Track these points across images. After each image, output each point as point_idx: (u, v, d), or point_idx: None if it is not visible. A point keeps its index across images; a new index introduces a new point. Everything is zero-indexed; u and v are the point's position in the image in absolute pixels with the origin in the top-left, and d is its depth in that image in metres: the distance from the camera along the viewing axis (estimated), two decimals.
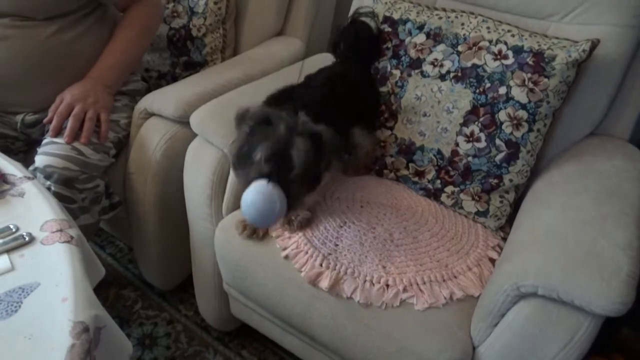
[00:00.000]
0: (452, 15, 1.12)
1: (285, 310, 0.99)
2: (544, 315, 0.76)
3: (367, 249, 0.97)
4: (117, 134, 1.19)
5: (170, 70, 1.44)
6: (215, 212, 1.10)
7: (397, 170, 1.14)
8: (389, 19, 1.17)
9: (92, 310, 0.63)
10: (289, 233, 1.00)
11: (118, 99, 1.23)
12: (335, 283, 0.92)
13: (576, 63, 0.97)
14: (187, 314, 1.38)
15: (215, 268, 1.14)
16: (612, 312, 0.70)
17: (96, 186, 1.10)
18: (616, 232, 0.80)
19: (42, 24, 1.11)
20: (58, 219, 0.75)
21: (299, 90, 1.04)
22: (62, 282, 0.65)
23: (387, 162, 1.15)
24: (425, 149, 1.09)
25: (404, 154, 1.12)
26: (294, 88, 1.05)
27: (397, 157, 1.13)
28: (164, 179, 1.18)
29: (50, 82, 1.14)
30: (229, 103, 1.14)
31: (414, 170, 1.12)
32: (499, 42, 1.04)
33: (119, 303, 1.40)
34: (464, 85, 1.05)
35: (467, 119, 1.04)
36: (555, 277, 0.74)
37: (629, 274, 0.73)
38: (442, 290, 0.91)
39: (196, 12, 1.39)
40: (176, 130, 1.17)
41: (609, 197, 0.89)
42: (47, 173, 1.02)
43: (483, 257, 0.98)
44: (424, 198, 1.12)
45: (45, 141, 1.08)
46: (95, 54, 1.18)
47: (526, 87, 0.99)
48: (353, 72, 1.13)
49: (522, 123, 1.00)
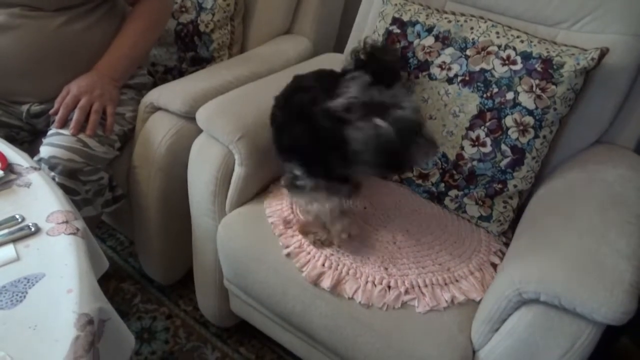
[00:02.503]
0: (462, 19, 1.12)
1: (285, 308, 1.00)
2: (545, 321, 0.76)
3: (369, 250, 0.97)
4: (122, 127, 1.18)
5: (177, 65, 1.44)
6: (219, 208, 1.10)
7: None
8: (398, 20, 1.17)
9: (97, 303, 0.63)
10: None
11: (124, 92, 1.23)
12: (337, 283, 0.92)
13: (584, 71, 0.97)
14: (186, 309, 1.39)
15: (216, 264, 1.14)
16: (614, 321, 0.71)
17: (100, 178, 1.10)
18: (620, 240, 0.80)
19: (51, 15, 1.11)
20: (64, 210, 0.75)
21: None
22: (67, 274, 0.65)
23: None
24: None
25: None
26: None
27: None
28: (168, 174, 1.18)
29: (57, 73, 1.14)
30: (235, 100, 1.14)
31: (418, 173, 1.12)
32: (508, 47, 1.04)
33: (118, 296, 1.40)
34: (471, 89, 1.05)
35: (473, 123, 1.05)
36: (558, 284, 0.74)
37: (632, 283, 0.73)
38: (443, 293, 0.91)
39: (205, 7, 1.39)
40: (182, 125, 1.17)
41: (613, 205, 0.89)
42: (52, 164, 1.02)
43: (485, 261, 0.98)
44: (428, 201, 1.12)
45: (50, 132, 1.08)
46: (103, 46, 1.18)
47: (534, 93, 0.99)
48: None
49: (528, 129, 1.00)
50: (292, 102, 0.92)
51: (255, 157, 1.06)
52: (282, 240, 1.00)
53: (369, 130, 0.75)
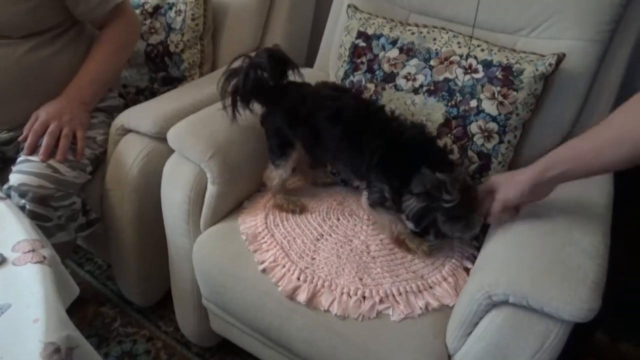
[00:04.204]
0: (424, 31, 1.14)
1: (263, 324, 1.00)
2: (515, 323, 0.78)
3: (344, 261, 0.98)
4: (93, 151, 1.18)
5: (148, 85, 1.45)
6: (193, 227, 1.10)
7: None
8: (364, 34, 1.20)
9: (64, 331, 0.62)
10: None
11: (95, 115, 1.23)
12: (312, 296, 0.93)
13: (543, 76, 1.01)
14: (167, 331, 1.37)
15: (193, 283, 1.14)
16: (580, 318, 0.72)
17: (72, 203, 1.09)
18: (583, 239, 0.82)
19: (17, 42, 1.11)
20: (30, 239, 0.75)
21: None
22: (34, 303, 0.64)
23: None
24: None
25: None
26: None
27: None
28: (142, 195, 1.18)
29: (25, 100, 1.14)
30: (206, 119, 1.14)
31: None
32: (469, 56, 1.07)
33: (97, 321, 1.39)
34: (436, 98, 1.08)
35: (440, 131, 1.07)
36: (525, 285, 0.76)
37: (596, 280, 0.75)
38: (417, 300, 0.92)
39: (174, 28, 1.40)
40: (153, 146, 1.17)
41: (577, 205, 0.92)
42: (22, 191, 1.01)
43: (458, 266, 0.99)
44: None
45: (20, 159, 1.08)
46: (71, 71, 1.18)
47: (496, 100, 1.02)
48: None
49: (492, 135, 1.03)
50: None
51: (227, 175, 1.07)
52: (257, 256, 1.00)
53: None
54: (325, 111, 1.02)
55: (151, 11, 1.41)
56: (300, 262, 0.97)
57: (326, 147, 1.05)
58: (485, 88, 1.03)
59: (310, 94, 1.07)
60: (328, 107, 1.02)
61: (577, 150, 0.82)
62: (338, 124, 1.01)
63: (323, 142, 1.04)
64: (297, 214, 1.09)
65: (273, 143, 1.09)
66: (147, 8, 1.41)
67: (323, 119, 1.02)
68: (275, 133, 1.09)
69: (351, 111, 1.01)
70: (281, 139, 1.08)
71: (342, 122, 1.01)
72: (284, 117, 1.06)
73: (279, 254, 0.99)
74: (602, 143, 0.78)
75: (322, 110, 1.02)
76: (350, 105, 1.03)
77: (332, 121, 1.01)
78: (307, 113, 1.03)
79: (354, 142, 1.00)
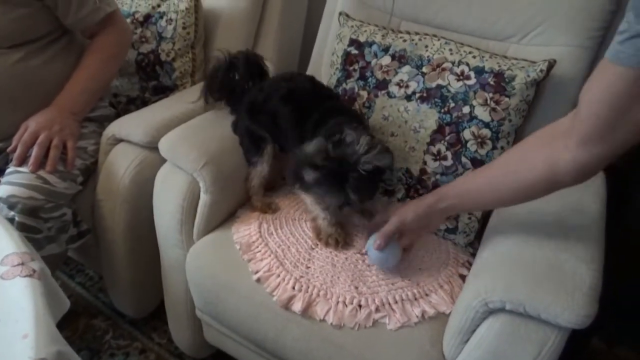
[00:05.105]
0: (416, 38, 1.15)
1: (258, 334, 0.98)
2: (512, 330, 0.77)
3: (339, 269, 0.97)
4: (84, 161, 1.17)
5: (139, 95, 1.44)
6: (186, 237, 1.09)
7: None
8: (356, 41, 1.20)
9: (54, 347, 0.61)
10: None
11: (85, 125, 1.22)
12: (308, 306, 0.92)
13: (535, 82, 1.01)
14: (160, 342, 1.35)
15: (187, 294, 1.12)
16: (577, 325, 0.72)
17: (63, 215, 1.08)
18: (578, 246, 0.82)
19: (6, 52, 1.10)
20: (19, 252, 0.73)
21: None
22: (23, 318, 0.63)
23: None
24: (393, 168, 1.11)
25: None
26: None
27: None
28: (134, 206, 1.16)
29: (15, 110, 1.12)
30: (198, 127, 1.14)
31: (383, 190, 1.13)
32: (462, 63, 1.07)
33: (89, 333, 1.36)
34: (429, 105, 1.08)
35: (433, 138, 1.07)
36: (522, 291, 0.75)
37: (592, 286, 0.75)
38: (414, 308, 0.91)
39: (165, 37, 1.39)
40: (145, 155, 1.16)
41: (572, 212, 0.92)
42: (11, 203, 0.99)
43: (454, 274, 0.99)
44: None
45: (9, 170, 1.06)
46: (61, 81, 1.17)
47: (488, 106, 1.02)
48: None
49: (486, 141, 1.03)
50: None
51: (220, 184, 1.06)
52: (251, 265, 0.99)
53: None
54: (280, 91, 1.06)
55: (142, 20, 1.40)
56: (295, 271, 0.96)
57: (281, 129, 1.07)
58: (478, 94, 1.03)
59: (268, 82, 1.13)
60: (282, 88, 1.07)
61: (468, 185, 0.87)
62: (289, 103, 1.04)
63: (280, 125, 1.07)
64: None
65: (245, 143, 1.12)
66: (137, 17, 1.40)
67: (277, 100, 1.05)
68: (246, 132, 1.11)
69: (302, 92, 1.06)
70: (250, 135, 1.10)
71: (293, 102, 1.04)
72: (248, 112, 1.10)
73: (273, 263, 0.98)
74: (487, 180, 0.83)
75: (277, 92, 1.06)
76: (303, 87, 1.07)
77: (284, 101, 1.05)
78: (264, 98, 1.08)
79: (300, 121, 1.03)
